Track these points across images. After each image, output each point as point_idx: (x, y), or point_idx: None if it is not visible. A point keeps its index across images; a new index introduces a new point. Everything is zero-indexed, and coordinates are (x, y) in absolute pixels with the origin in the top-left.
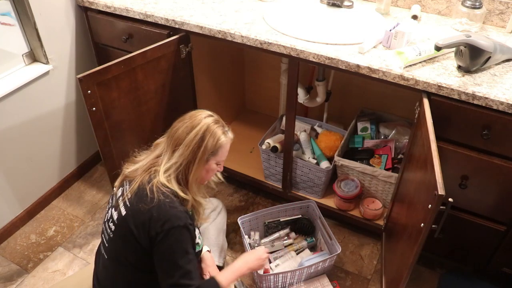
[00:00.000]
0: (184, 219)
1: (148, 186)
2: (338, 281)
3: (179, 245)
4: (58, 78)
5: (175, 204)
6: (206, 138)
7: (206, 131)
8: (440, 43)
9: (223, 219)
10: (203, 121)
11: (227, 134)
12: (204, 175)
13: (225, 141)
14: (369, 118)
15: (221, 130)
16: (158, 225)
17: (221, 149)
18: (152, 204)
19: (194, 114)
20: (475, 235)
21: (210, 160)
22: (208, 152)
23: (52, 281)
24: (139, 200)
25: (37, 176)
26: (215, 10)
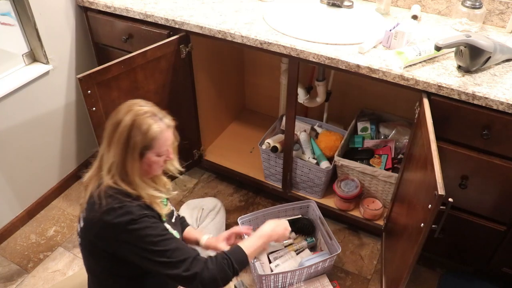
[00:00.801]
0: (137, 211)
1: (96, 193)
2: (338, 281)
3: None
4: (58, 78)
5: (124, 203)
6: (132, 133)
7: (132, 126)
8: (440, 43)
9: (222, 218)
10: (129, 114)
11: (162, 121)
12: (147, 169)
13: (157, 131)
14: (369, 118)
15: (151, 119)
16: (113, 230)
17: (156, 140)
18: (100, 210)
19: (121, 108)
20: (475, 235)
21: (147, 154)
22: (138, 147)
23: (52, 281)
24: (91, 209)
25: (37, 176)
26: (215, 10)
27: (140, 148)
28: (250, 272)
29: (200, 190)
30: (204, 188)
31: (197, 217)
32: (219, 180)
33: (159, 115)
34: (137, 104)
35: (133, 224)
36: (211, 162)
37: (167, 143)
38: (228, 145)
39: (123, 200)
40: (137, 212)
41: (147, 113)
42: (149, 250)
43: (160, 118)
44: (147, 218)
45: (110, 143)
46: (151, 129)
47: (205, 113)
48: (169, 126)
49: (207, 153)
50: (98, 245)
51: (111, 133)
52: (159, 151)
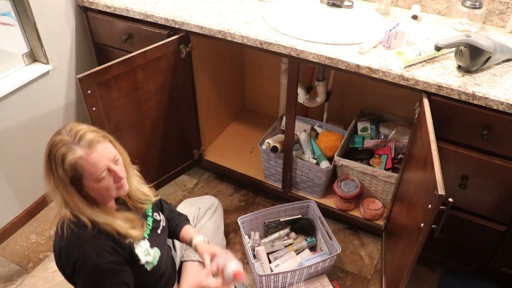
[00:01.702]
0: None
1: (60, 224)
2: (338, 281)
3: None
4: (58, 78)
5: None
6: (53, 168)
7: (48, 160)
8: (440, 43)
9: (220, 216)
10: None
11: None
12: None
13: (73, 158)
14: (369, 118)
15: (64, 148)
16: (69, 266)
17: (80, 168)
18: (62, 243)
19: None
20: (475, 235)
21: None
22: (66, 180)
23: (52, 281)
24: (56, 238)
25: (37, 176)
26: (215, 10)
27: (70, 181)
28: (250, 272)
29: (200, 190)
30: (204, 188)
31: (194, 216)
32: (219, 180)
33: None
34: (57, 134)
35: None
36: (211, 162)
37: (98, 165)
38: (228, 145)
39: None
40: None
41: (61, 142)
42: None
43: (77, 142)
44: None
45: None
46: (66, 159)
47: (205, 113)
48: (91, 146)
49: (207, 153)
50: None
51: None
52: (94, 177)
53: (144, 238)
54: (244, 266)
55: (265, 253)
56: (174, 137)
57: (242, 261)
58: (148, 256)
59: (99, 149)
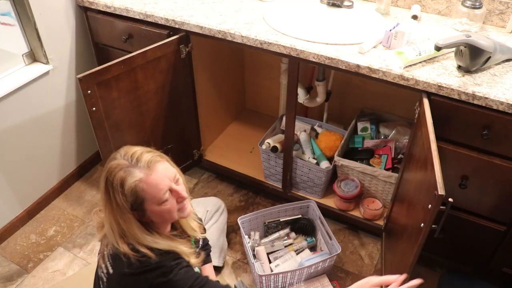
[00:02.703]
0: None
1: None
2: (338, 281)
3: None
4: (58, 78)
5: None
6: (111, 195)
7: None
8: (440, 43)
9: (224, 219)
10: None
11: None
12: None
13: (132, 182)
14: (369, 118)
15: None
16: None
17: (141, 191)
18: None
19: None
20: (475, 235)
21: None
22: (126, 207)
23: (52, 281)
24: (117, 261)
25: (37, 176)
26: (215, 10)
27: (130, 207)
28: (250, 272)
29: (200, 190)
30: (204, 188)
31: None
32: (219, 180)
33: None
34: (113, 159)
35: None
36: (211, 162)
37: (160, 186)
38: (228, 145)
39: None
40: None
41: (118, 167)
42: None
43: (134, 164)
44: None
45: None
46: (126, 183)
47: (205, 113)
48: (150, 166)
49: (207, 153)
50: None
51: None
52: (156, 200)
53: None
54: (244, 266)
55: (265, 253)
56: (174, 137)
57: (242, 261)
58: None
59: (159, 168)
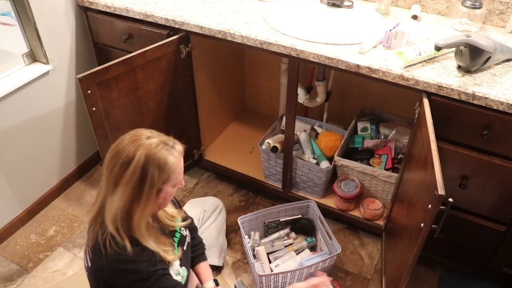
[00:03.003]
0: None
1: (101, 240)
2: (338, 281)
3: None
4: (58, 78)
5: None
6: (149, 171)
7: (147, 163)
8: (440, 43)
9: (223, 219)
10: (140, 150)
11: (175, 150)
12: (162, 203)
13: (174, 161)
14: (369, 118)
15: (165, 150)
16: (119, 281)
17: (173, 172)
18: (107, 260)
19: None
20: (475, 235)
21: (164, 188)
22: (157, 184)
23: (52, 281)
24: (97, 254)
25: (37, 176)
26: (215, 10)
27: (160, 184)
28: (250, 272)
29: (200, 190)
30: (204, 188)
31: (200, 218)
32: (219, 180)
33: (169, 143)
34: (143, 136)
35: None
36: (211, 162)
37: (181, 172)
38: (228, 145)
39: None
40: (145, 271)
41: (160, 145)
42: None
43: (172, 146)
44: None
45: (117, 185)
46: (168, 161)
47: (205, 113)
48: (181, 153)
49: (207, 153)
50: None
51: (120, 173)
52: (175, 182)
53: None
54: (244, 266)
55: (265, 253)
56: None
57: (242, 261)
58: (179, 276)
59: (182, 158)
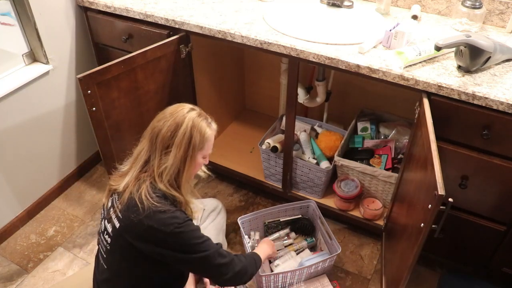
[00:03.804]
0: (181, 216)
1: (137, 196)
2: (338, 281)
3: (189, 237)
4: (58, 78)
5: (167, 207)
6: (194, 135)
7: (193, 128)
8: (440, 43)
9: (223, 219)
10: (187, 116)
11: (211, 126)
12: (192, 171)
13: (210, 134)
14: (369, 118)
15: (205, 123)
16: (158, 234)
17: (208, 142)
18: (144, 213)
19: (175, 110)
20: (475, 235)
21: (197, 155)
22: (197, 148)
23: (52, 281)
24: (131, 211)
25: (37, 176)
26: (215, 10)
27: (198, 150)
28: None
29: (200, 190)
30: (204, 188)
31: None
32: (219, 180)
33: (209, 119)
34: (188, 107)
35: (179, 228)
36: (211, 162)
37: (211, 146)
38: (228, 145)
39: (165, 203)
40: (182, 217)
41: (202, 116)
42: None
43: (210, 122)
44: (189, 221)
45: (168, 146)
46: (207, 131)
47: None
48: (215, 130)
49: None
50: (135, 245)
51: (169, 136)
52: (205, 153)
53: None
54: None
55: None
56: None
57: None
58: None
59: (214, 136)
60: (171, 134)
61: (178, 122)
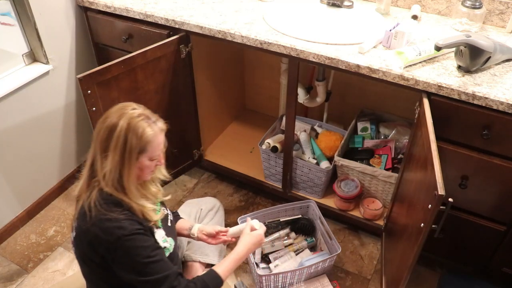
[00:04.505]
0: (128, 227)
1: (87, 203)
2: (338, 281)
3: (133, 254)
4: (58, 78)
5: (114, 215)
6: (129, 137)
7: (127, 130)
8: (440, 43)
9: (221, 218)
10: (123, 118)
11: (155, 125)
12: (139, 173)
13: (151, 134)
14: (369, 118)
15: (145, 123)
16: (103, 243)
17: (150, 144)
18: (91, 222)
19: (112, 112)
20: (475, 235)
21: (140, 158)
22: (134, 151)
23: (52, 281)
24: (81, 219)
25: (37, 176)
26: (215, 10)
27: (136, 152)
28: (250, 272)
29: (200, 190)
30: (204, 188)
31: (196, 216)
32: (219, 180)
33: (152, 118)
34: (129, 107)
35: (124, 241)
36: (211, 162)
37: (159, 147)
38: (228, 145)
39: (114, 211)
40: (129, 228)
41: (141, 116)
42: (136, 269)
43: (154, 121)
44: (139, 236)
45: (105, 149)
46: (146, 132)
47: (205, 113)
48: (162, 130)
49: (207, 153)
50: (89, 254)
51: (105, 138)
52: (152, 155)
53: (159, 227)
54: (244, 266)
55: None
56: (174, 138)
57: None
58: (166, 242)
59: (163, 135)
60: (107, 137)
61: (113, 123)
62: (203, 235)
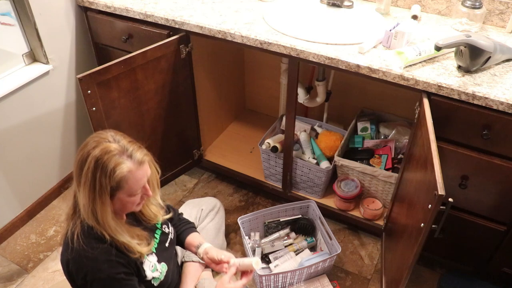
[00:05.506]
0: (106, 269)
1: (70, 233)
2: (338, 281)
3: None
4: (58, 78)
5: (94, 254)
6: (98, 175)
7: (95, 167)
8: (440, 43)
9: (221, 219)
10: (92, 153)
11: (129, 161)
12: (121, 208)
13: (125, 170)
14: (369, 118)
15: (120, 158)
16: (80, 277)
17: (125, 181)
18: (72, 255)
19: (89, 140)
20: (475, 235)
21: (117, 195)
22: (105, 190)
23: (52, 281)
24: (65, 248)
25: (37, 176)
26: (215, 10)
27: (109, 190)
28: None
29: (200, 190)
30: (204, 188)
31: (196, 218)
32: (219, 180)
33: (129, 149)
34: (104, 140)
35: (96, 282)
36: (211, 162)
37: (140, 182)
38: (228, 145)
39: (94, 248)
40: (106, 271)
41: (113, 151)
42: None
43: (129, 155)
44: (114, 281)
45: (79, 184)
46: (118, 169)
47: (205, 113)
48: (141, 163)
49: (207, 153)
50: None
51: (78, 172)
52: (130, 192)
53: (152, 253)
54: None
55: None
56: (174, 137)
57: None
58: (156, 272)
59: (144, 167)
60: (78, 171)
61: (84, 157)
62: (207, 258)
